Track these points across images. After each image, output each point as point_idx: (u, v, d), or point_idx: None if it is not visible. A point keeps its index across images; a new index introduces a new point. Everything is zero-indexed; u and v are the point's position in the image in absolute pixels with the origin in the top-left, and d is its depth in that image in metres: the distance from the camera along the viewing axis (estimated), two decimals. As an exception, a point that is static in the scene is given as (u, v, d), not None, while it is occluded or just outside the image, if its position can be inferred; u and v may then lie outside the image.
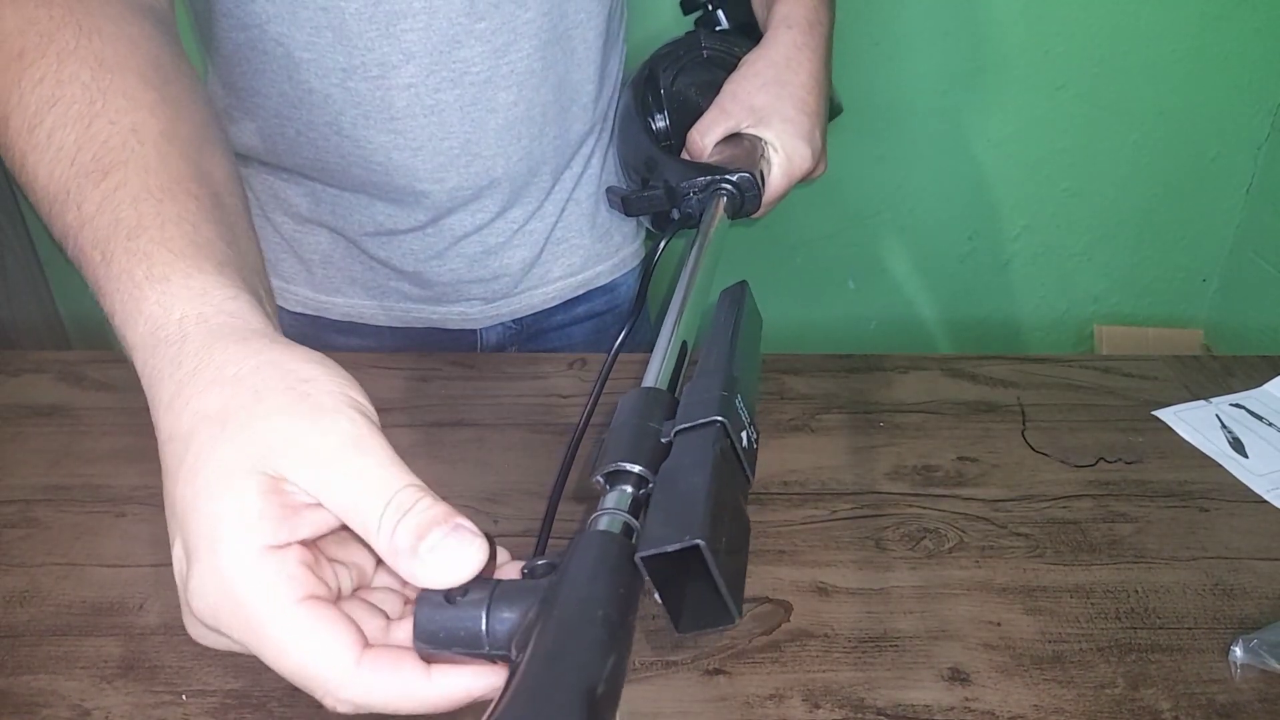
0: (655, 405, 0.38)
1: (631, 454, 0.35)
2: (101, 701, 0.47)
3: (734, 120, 0.65)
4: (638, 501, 0.34)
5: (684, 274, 0.51)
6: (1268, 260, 1.38)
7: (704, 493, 0.31)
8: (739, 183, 0.61)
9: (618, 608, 0.28)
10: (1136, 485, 0.63)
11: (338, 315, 0.80)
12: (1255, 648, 0.49)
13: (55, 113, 0.38)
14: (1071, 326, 1.53)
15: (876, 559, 0.57)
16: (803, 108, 0.65)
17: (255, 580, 0.29)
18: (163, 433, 0.32)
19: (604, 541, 0.31)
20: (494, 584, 0.30)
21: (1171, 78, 1.29)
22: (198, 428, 0.31)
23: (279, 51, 0.66)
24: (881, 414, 0.70)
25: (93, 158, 0.37)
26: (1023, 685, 0.49)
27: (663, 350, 0.43)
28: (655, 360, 0.42)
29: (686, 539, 0.29)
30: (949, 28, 1.27)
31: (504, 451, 0.66)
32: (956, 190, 1.40)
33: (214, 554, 0.29)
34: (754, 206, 0.62)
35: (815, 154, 0.66)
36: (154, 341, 0.33)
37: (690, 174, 0.62)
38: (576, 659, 0.26)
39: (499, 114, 0.70)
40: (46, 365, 0.75)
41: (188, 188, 0.37)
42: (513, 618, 0.29)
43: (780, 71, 0.66)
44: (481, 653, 0.29)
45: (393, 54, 0.65)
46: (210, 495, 0.30)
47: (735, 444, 0.36)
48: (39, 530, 0.59)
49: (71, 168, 0.37)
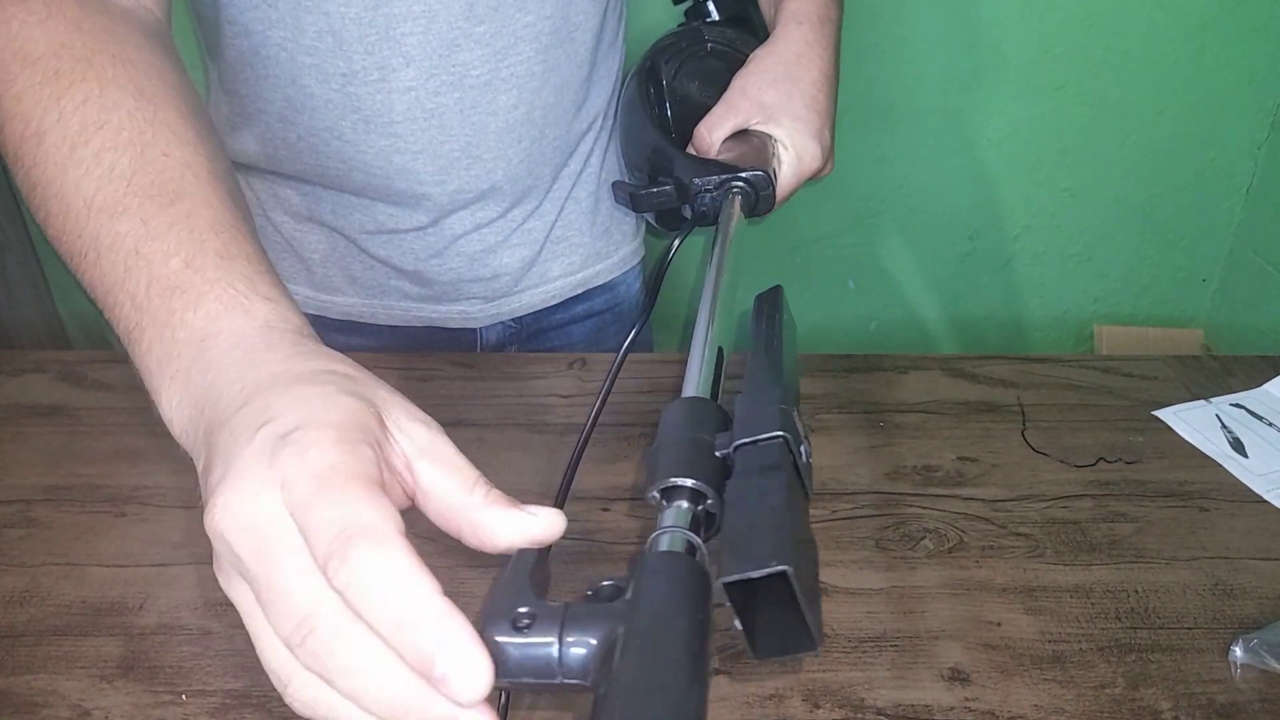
0: (704, 416, 0.37)
1: (689, 469, 0.34)
2: (101, 701, 0.47)
3: (743, 116, 0.65)
4: (696, 518, 0.33)
5: (709, 277, 0.50)
6: (1268, 260, 1.38)
7: (784, 515, 0.31)
8: (754, 181, 0.60)
9: (699, 635, 0.28)
10: (1136, 485, 0.63)
11: (337, 314, 0.80)
12: (1255, 648, 0.49)
13: (104, 135, 0.41)
14: (1071, 326, 1.53)
15: (876, 559, 0.57)
16: (813, 105, 0.65)
17: (359, 455, 0.30)
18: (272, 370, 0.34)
19: (674, 564, 0.30)
20: (563, 609, 0.29)
21: (1171, 78, 1.29)
22: (321, 373, 0.34)
23: (281, 57, 0.66)
24: (882, 414, 0.70)
25: (152, 182, 0.40)
26: (1023, 685, 0.49)
27: (699, 357, 0.42)
28: (693, 367, 0.41)
29: (774, 564, 0.29)
30: (949, 28, 1.27)
31: (504, 451, 0.66)
32: (956, 190, 1.40)
33: (324, 428, 0.30)
34: (768, 206, 0.61)
35: (825, 152, 0.65)
36: (266, 331, 0.36)
37: (703, 171, 0.61)
38: (668, 694, 0.25)
39: (499, 117, 0.70)
40: (46, 365, 0.75)
41: (244, 228, 0.41)
42: (587, 645, 0.28)
43: (791, 68, 0.65)
44: (554, 682, 0.28)
45: (392, 58, 0.65)
46: (333, 401, 0.32)
47: (796, 460, 0.35)
48: (39, 530, 0.59)
49: (129, 187, 0.40)
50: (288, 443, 0.30)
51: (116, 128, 0.41)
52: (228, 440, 0.32)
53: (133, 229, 0.38)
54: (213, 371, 0.35)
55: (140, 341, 0.38)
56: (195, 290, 0.37)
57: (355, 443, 0.30)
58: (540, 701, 0.48)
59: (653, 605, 0.28)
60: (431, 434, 0.33)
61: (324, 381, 0.33)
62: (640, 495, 0.61)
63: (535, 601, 0.29)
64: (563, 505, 0.43)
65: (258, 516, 0.29)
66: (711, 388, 0.40)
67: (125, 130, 0.41)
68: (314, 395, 0.32)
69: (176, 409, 0.36)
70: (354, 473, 0.29)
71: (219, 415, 0.33)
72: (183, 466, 0.65)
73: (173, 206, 0.39)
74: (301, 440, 0.30)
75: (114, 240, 0.39)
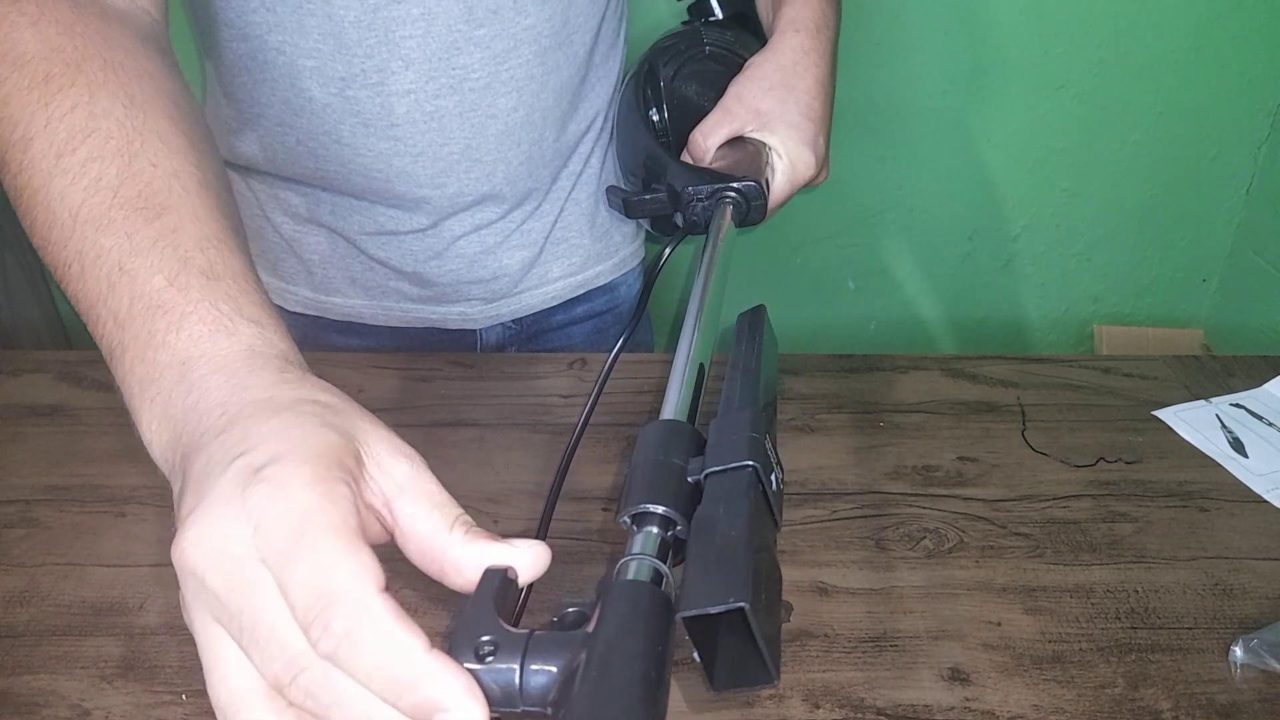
0: (678, 441, 0.37)
1: (657, 495, 0.34)
2: (101, 701, 0.47)
3: (738, 123, 0.65)
4: (665, 544, 0.33)
5: (695, 289, 0.49)
6: (1268, 260, 1.38)
7: (744, 549, 0.31)
8: (745, 191, 0.60)
9: (656, 664, 0.28)
10: (1136, 485, 0.63)
11: (337, 315, 0.80)
12: (1255, 648, 0.49)
13: (91, 143, 0.40)
14: (1071, 326, 1.53)
15: (877, 559, 0.57)
16: (808, 113, 0.65)
17: (335, 498, 0.29)
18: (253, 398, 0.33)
19: (637, 594, 0.30)
20: (526, 638, 0.29)
21: (1171, 78, 1.29)
22: (303, 402, 0.33)
23: (280, 61, 0.66)
24: (882, 414, 0.70)
25: (138, 194, 0.39)
26: (1023, 685, 0.49)
27: (679, 377, 0.42)
28: (673, 388, 0.41)
29: (730, 601, 0.29)
30: (949, 28, 1.27)
31: (504, 451, 0.66)
32: (956, 190, 1.40)
33: (300, 464, 0.29)
34: (759, 216, 0.61)
35: (819, 161, 0.65)
36: (249, 356, 0.35)
37: (695, 179, 0.61)
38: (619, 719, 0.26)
39: (499, 120, 0.70)
40: (47, 365, 0.75)
41: (233, 243, 0.40)
42: (548, 674, 0.28)
43: (786, 76, 0.65)
44: (515, 711, 0.28)
45: (391, 61, 0.65)
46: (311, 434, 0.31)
47: (765, 489, 0.35)
48: (39, 530, 0.59)
49: (115, 199, 0.39)
50: (261, 479, 0.29)
51: (105, 136, 0.40)
52: (203, 468, 0.31)
53: (117, 244, 0.38)
54: (193, 395, 0.34)
55: (122, 361, 0.37)
56: (178, 310, 0.36)
57: (331, 481, 0.29)
58: None
59: (612, 635, 0.28)
60: (414, 469, 0.32)
61: (305, 413, 0.32)
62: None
63: (499, 629, 0.29)
64: (552, 511, 0.44)
65: (230, 554, 0.28)
66: (690, 409, 0.40)
67: (113, 139, 0.40)
68: (292, 426, 0.31)
69: (156, 432, 0.35)
70: (329, 525, 0.28)
71: (197, 441, 0.33)
72: (183, 467, 0.64)
73: (159, 220, 0.38)
74: (275, 478, 0.29)
75: (98, 254, 0.38)
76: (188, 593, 0.30)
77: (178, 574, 0.30)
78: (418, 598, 0.53)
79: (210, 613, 0.29)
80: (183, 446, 0.33)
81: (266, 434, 0.31)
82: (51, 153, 0.40)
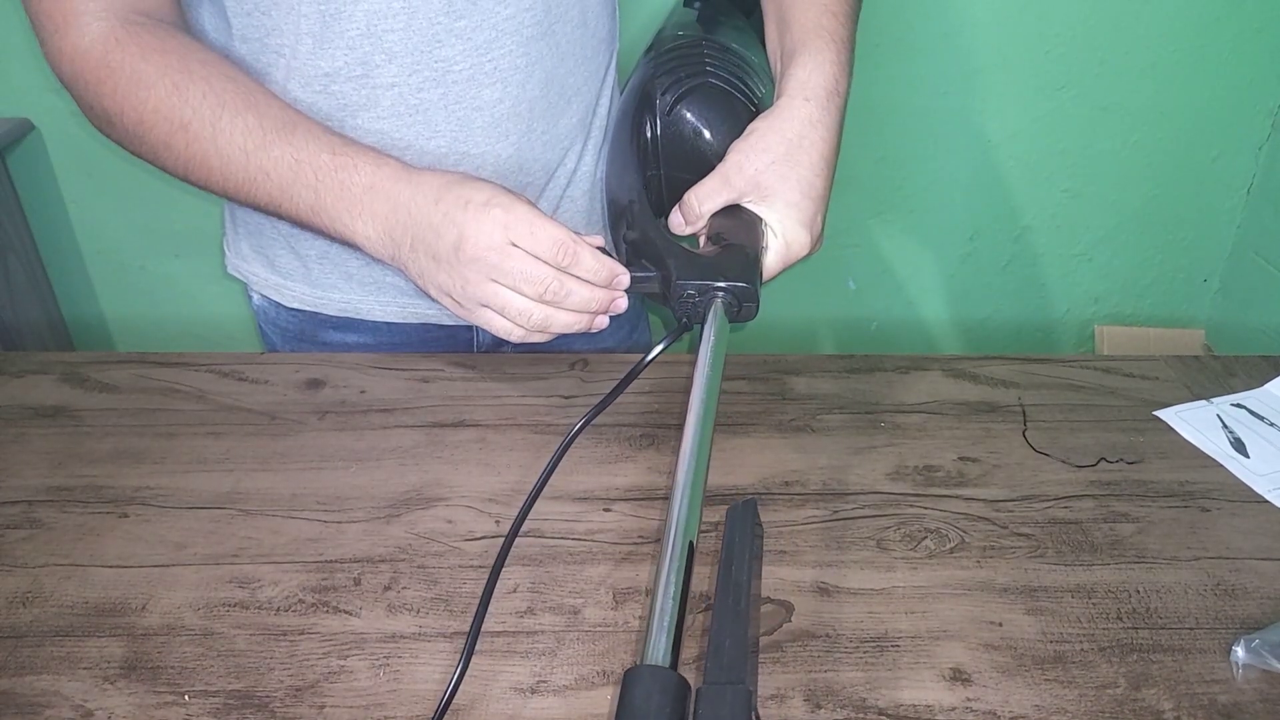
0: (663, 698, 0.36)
1: None
2: (104, 702, 0.48)
3: (736, 193, 0.63)
4: None
5: (686, 435, 0.47)
6: (1268, 260, 1.38)
7: None
8: (737, 293, 0.58)
9: None
10: (1138, 485, 0.63)
11: (334, 311, 0.80)
12: (1257, 648, 0.49)
13: (228, 110, 0.62)
14: (1072, 327, 1.53)
15: (878, 559, 0.57)
16: (809, 192, 0.62)
17: (536, 208, 0.59)
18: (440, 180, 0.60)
19: None
20: None
21: (1171, 78, 1.30)
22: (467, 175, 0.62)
23: (266, 60, 0.67)
24: (883, 414, 0.70)
25: (275, 122, 0.62)
26: (1024, 685, 0.49)
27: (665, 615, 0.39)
28: (655, 621, 0.39)
29: None
30: (949, 28, 1.27)
31: (506, 452, 0.66)
32: (957, 191, 1.40)
33: (508, 195, 0.59)
34: (750, 315, 0.59)
35: (814, 240, 0.64)
36: (407, 170, 0.61)
37: (687, 273, 0.58)
38: None
39: (485, 112, 0.70)
40: (49, 366, 0.75)
41: (329, 128, 0.64)
42: None
43: (791, 149, 0.62)
44: None
45: (374, 54, 0.66)
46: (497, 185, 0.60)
47: None
48: (42, 531, 0.59)
49: (264, 131, 0.61)
50: (494, 205, 0.57)
51: (232, 103, 0.61)
52: (441, 220, 0.58)
53: (285, 152, 0.61)
54: (393, 196, 0.60)
55: (323, 211, 0.61)
56: (349, 163, 0.61)
57: (528, 202, 0.58)
58: (548, 693, 0.48)
59: None
60: None
61: (479, 178, 0.59)
62: (642, 496, 0.61)
63: None
64: (532, 503, 0.51)
65: (495, 244, 0.57)
66: (672, 646, 0.38)
67: (238, 100, 0.62)
68: (483, 183, 0.59)
69: (371, 229, 0.61)
70: (544, 219, 0.57)
71: (417, 216, 0.59)
72: (185, 467, 0.65)
73: (295, 131, 0.61)
74: (502, 203, 0.57)
75: (275, 162, 0.61)
76: (473, 273, 0.58)
77: (466, 268, 0.58)
78: (419, 598, 0.53)
79: (489, 277, 0.58)
80: (400, 224, 0.60)
81: (474, 187, 0.58)
82: (209, 126, 0.61)
